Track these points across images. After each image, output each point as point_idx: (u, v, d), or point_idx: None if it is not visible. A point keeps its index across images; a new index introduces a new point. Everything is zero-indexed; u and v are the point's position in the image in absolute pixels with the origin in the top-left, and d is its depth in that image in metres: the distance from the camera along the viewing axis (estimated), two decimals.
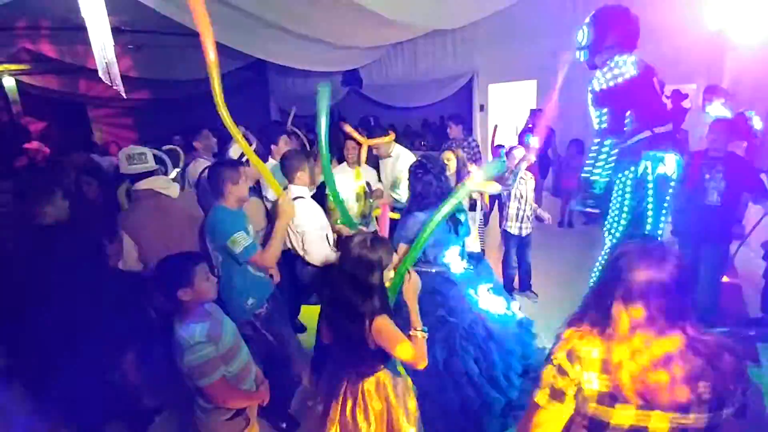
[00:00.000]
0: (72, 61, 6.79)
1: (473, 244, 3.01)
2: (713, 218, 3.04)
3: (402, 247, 2.27)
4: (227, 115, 2.11)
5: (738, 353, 1.05)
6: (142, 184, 2.57)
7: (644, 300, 1.05)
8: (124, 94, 2.87)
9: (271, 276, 2.63)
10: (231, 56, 7.27)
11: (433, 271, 2.39)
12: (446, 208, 1.94)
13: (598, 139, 2.45)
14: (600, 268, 2.59)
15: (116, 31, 3.88)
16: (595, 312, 1.14)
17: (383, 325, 1.57)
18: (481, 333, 2.29)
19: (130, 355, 2.48)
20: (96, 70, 3.20)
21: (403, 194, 3.49)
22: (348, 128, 3.54)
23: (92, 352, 2.14)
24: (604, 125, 2.42)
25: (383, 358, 1.65)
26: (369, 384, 1.67)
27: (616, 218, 2.52)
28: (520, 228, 3.71)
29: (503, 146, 5.46)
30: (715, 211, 3.03)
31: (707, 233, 3.11)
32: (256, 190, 3.15)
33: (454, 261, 2.44)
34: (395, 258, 2.06)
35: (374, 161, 3.80)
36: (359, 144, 3.49)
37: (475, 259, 2.59)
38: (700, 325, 1.08)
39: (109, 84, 2.65)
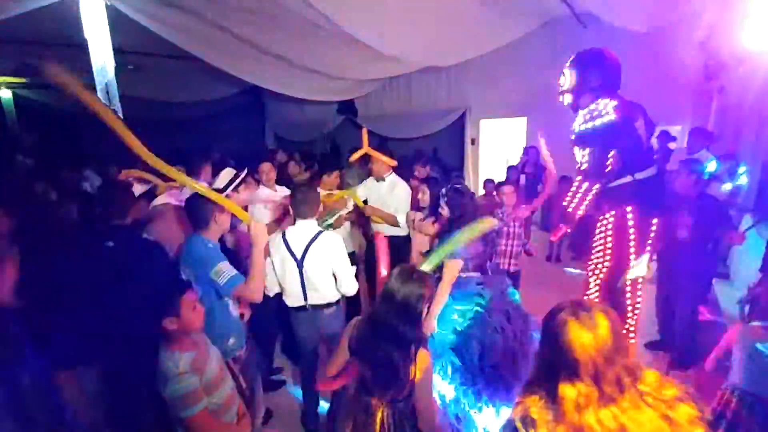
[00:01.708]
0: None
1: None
2: (685, 254, 3.10)
3: (452, 261, 2.37)
4: (147, 153, 1.96)
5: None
6: (160, 200, 2.70)
7: (591, 374, 1.00)
8: (120, 114, 2.88)
9: (242, 315, 2.49)
10: (229, 82, 7.40)
11: (465, 276, 2.46)
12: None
13: (580, 177, 2.45)
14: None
15: (117, 51, 3.95)
16: (544, 385, 1.10)
17: (426, 358, 1.74)
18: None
19: None
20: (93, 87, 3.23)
21: (403, 220, 3.55)
22: (365, 131, 3.70)
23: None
24: (585, 166, 2.42)
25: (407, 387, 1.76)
26: (404, 407, 1.76)
27: (600, 260, 2.51)
28: (509, 264, 3.72)
29: (493, 181, 5.55)
30: (686, 247, 3.09)
31: (681, 269, 3.16)
32: None
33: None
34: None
35: None
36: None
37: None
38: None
39: (107, 103, 2.67)
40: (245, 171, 3.04)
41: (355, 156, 3.71)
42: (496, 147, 8.12)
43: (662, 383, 1.06)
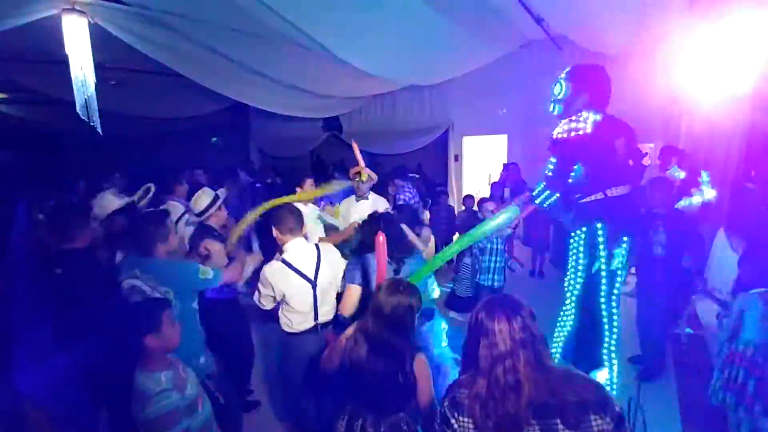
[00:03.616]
0: (51, 93, 6.75)
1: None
2: (660, 271, 3.17)
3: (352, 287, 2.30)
4: None
5: (585, 387, 1.19)
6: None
7: (501, 335, 1.21)
8: (99, 130, 2.86)
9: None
10: (213, 98, 7.40)
11: None
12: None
13: (543, 184, 2.50)
14: (563, 317, 2.62)
15: (99, 66, 3.93)
16: (468, 356, 1.29)
17: (424, 362, 1.73)
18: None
19: None
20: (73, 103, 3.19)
21: None
22: (355, 146, 3.73)
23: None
24: (549, 173, 2.47)
25: (411, 397, 1.75)
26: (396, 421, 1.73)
27: (573, 276, 2.53)
28: (493, 280, 3.75)
29: (472, 196, 5.64)
30: (661, 264, 3.16)
31: (657, 286, 3.22)
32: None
33: None
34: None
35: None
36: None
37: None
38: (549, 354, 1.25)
39: (86, 119, 2.64)
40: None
41: (354, 171, 3.68)
42: (479, 163, 8.28)
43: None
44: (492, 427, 1.18)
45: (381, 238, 1.99)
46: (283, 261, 2.31)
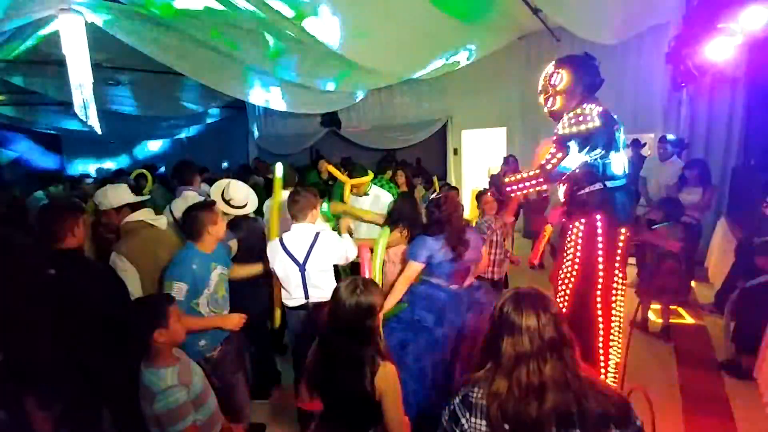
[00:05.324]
0: (48, 94, 6.74)
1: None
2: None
3: (411, 264, 2.51)
4: None
5: (610, 398, 1.12)
6: (135, 216, 2.59)
7: (529, 332, 1.13)
8: (98, 131, 2.86)
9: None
10: (212, 96, 7.40)
11: (432, 281, 2.57)
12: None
13: (538, 171, 2.43)
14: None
15: (97, 67, 3.92)
16: (486, 350, 1.21)
17: (390, 373, 1.50)
18: (446, 348, 2.38)
19: None
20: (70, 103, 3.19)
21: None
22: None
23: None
24: (550, 166, 2.39)
25: (377, 416, 1.53)
26: None
27: (569, 268, 2.47)
28: (493, 272, 3.76)
29: (457, 189, 5.65)
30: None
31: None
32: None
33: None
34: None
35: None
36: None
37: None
38: (578, 360, 1.17)
39: (85, 120, 2.65)
40: None
41: (346, 192, 3.63)
42: (478, 156, 8.28)
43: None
44: (507, 431, 1.11)
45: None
46: (280, 240, 2.48)
